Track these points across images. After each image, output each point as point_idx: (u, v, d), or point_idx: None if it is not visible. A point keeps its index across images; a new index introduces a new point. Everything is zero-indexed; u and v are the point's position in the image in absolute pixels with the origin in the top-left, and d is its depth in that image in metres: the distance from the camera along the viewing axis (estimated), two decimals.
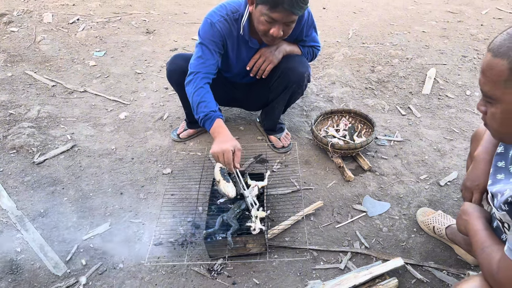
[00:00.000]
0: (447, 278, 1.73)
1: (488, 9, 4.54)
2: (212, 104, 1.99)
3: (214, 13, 2.05)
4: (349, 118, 2.61)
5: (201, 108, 1.98)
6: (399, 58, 3.51)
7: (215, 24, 2.03)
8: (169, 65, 2.32)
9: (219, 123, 1.96)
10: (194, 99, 2.00)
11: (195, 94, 2.00)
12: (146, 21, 4.41)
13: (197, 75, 2.03)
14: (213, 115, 1.96)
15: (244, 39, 2.11)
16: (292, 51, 2.22)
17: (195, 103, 2.00)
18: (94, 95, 3.13)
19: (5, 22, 4.27)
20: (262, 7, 1.84)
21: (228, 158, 1.84)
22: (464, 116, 2.79)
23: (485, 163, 1.37)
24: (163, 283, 1.76)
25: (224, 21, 2.03)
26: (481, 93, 1.06)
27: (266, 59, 2.16)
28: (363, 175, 2.32)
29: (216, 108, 2.00)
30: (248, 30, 2.06)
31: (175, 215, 2.05)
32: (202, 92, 2.00)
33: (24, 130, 2.66)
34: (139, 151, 2.54)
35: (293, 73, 2.19)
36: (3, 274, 1.82)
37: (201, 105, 1.98)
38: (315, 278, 1.76)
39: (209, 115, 1.96)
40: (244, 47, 2.15)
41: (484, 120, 1.12)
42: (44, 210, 2.13)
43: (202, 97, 1.99)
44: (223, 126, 1.95)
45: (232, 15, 2.04)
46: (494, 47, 0.99)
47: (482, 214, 1.27)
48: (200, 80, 2.02)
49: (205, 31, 2.05)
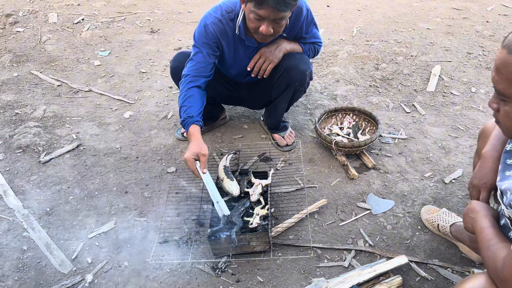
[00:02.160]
0: (452, 276, 1.73)
1: (494, 6, 4.51)
2: (192, 109, 2.03)
3: (208, 15, 2.07)
4: (353, 116, 2.61)
5: (182, 113, 2.05)
6: (403, 56, 3.50)
7: (208, 26, 2.04)
8: (172, 62, 2.35)
9: (192, 129, 2.00)
10: (179, 102, 2.08)
11: (180, 98, 2.09)
12: (151, 21, 4.43)
13: (186, 78, 2.09)
14: (189, 121, 2.02)
15: (241, 38, 2.11)
16: (293, 49, 2.22)
17: (179, 106, 2.08)
18: (99, 95, 3.15)
19: (11, 22, 4.30)
20: (250, 5, 1.85)
21: (189, 166, 1.91)
22: (469, 113, 2.78)
23: (493, 161, 1.36)
24: (168, 281, 1.77)
25: (218, 22, 2.04)
26: (495, 90, 1.05)
27: (267, 59, 2.16)
28: (367, 173, 2.31)
29: (196, 113, 2.04)
30: (244, 29, 2.06)
31: (180, 213, 2.06)
32: (185, 96, 2.06)
33: (30, 129, 2.68)
34: (143, 150, 2.55)
35: (295, 71, 2.18)
36: (9, 272, 1.84)
37: (182, 110, 2.06)
38: (319, 276, 1.76)
39: (186, 121, 2.03)
40: (241, 46, 2.15)
41: (496, 117, 1.10)
42: (50, 209, 2.15)
43: (184, 101, 2.06)
44: (193, 133, 1.99)
45: (227, 15, 2.04)
46: (510, 43, 0.97)
47: (489, 212, 1.26)
48: (187, 84, 2.08)
49: (199, 34, 2.08)
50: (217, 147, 2.54)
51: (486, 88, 3.04)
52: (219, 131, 2.68)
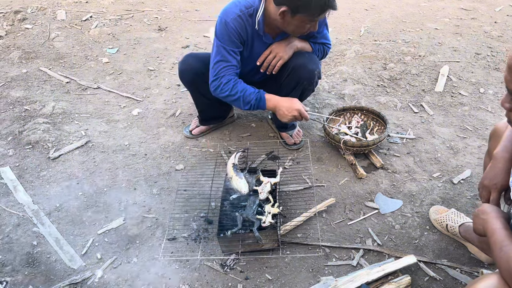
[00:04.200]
0: (460, 276, 1.73)
1: (502, 6, 4.49)
2: (250, 89, 2.09)
3: (228, 11, 2.05)
4: (361, 115, 2.61)
5: (246, 99, 2.08)
6: (411, 56, 3.49)
7: (229, 22, 2.02)
8: (181, 65, 2.35)
9: (268, 96, 2.10)
10: (234, 98, 2.10)
11: (231, 95, 2.10)
12: (158, 18, 4.44)
13: (222, 79, 2.09)
14: (258, 95, 2.08)
15: (259, 34, 2.11)
16: (303, 48, 2.23)
17: (237, 101, 2.10)
18: (107, 92, 3.16)
19: (20, 19, 4.32)
20: (304, 16, 1.91)
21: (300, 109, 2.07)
22: (478, 114, 2.77)
23: (504, 162, 1.36)
24: (177, 277, 1.78)
25: (238, 17, 2.02)
26: (507, 90, 1.05)
27: (277, 55, 2.16)
28: (375, 172, 2.31)
29: (255, 89, 2.11)
30: (263, 25, 2.07)
31: (188, 210, 2.07)
32: (236, 87, 2.08)
33: (39, 125, 2.70)
34: (152, 147, 2.56)
35: (304, 70, 2.18)
36: (20, 267, 1.85)
37: (244, 98, 2.08)
38: (327, 274, 1.77)
39: (256, 98, 2.08)
40: (258, 42, 2.15)
41: (508, 117, 1.10)
42: (60, 205, 2.17)
43: (239, 91, 2.08)
44: (273, 95, 2.11)
45: (246, 10, 2.03)
46: None
47: (500, 214, 1.26)
48: (228, 82, 2.09)
49: (221, 32, 2.05)
50: (225, 145, 2.54)
51: (495, 89, 3.03)
52: (227, 129, 2.69)
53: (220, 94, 2.13)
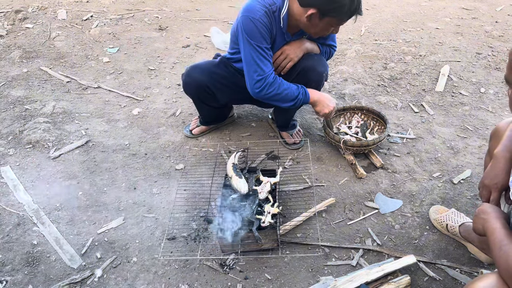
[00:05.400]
0: (460, 276, 1.73)
1: (503, 6, 4.48)
2: (292, 85, 2.11)
3: (252, 9, 1.98)
4: (362, 115, 2.60)
5: (293, 95, 2.10)
6: (412, 55, 3.49)
7: (258, 20, 1.97)
8: (185, 77, 2.33)
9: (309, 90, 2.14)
10: (281, 96, 2.09)
11: (278, 94, 2.09)
12: (159, 18, 4.44)
13: (267, 79, 2.05)
14: (302, 89, 2.11)
15: (282, 32, 2.09)
16: (312, 50, 2.22)
17: (283, 99, 2.11)
18: (107, 91, 3.16)
19: (20, 18, 4.33)
20: (333, 19, 1.91)
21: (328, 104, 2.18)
22: (478, 113, 2.77)
23: (505, 161, 1.36)
24: (176, 277, 1.78)
25: (265, 13, 1.98)
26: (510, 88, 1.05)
27: (287, 56, 2.16)
28: (375, 172, 2.31)
29: (296, 84, 2.13)
30: (287, 23, 2.04)
31: (188, 210, 2.07)
32: (282, 85, 2.08)
33: (39, 125, 2.70)
34: (152, 146, 2.56)
35: (313, 73, 2.18)
36: (20, 266, 1.86)
37: (291, 94, 2.09)
38: (327, 274, 1.77)
39: (302, 93, 2.11)
40: (279, 39, 2.13)
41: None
42: (60, 204, 2.17)
43: (285, 88, 2.09)
44: (313, 91, 2.16)
45: (270, 7, 1.99)
46: None
47: (500, 214, 1.26)
48: (274, 82, 2.07)
49: (252, 30, 1.98)
50: (225, 145, 2.54)
51: (496, 89, 3.02)
52: (227, 129, 2.69)
53: (266, 95, 2.09)
